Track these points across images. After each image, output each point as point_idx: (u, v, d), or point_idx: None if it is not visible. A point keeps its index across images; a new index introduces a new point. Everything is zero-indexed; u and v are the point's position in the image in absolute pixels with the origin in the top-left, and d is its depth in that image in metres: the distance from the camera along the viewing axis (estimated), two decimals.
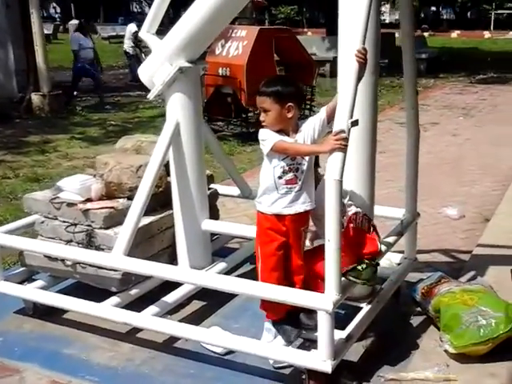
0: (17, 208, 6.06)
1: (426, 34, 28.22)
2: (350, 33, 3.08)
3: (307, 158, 3.16)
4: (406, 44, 3.83)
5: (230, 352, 3.54)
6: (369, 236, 3.30)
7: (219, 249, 4.64)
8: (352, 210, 3.34)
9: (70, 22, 39.72)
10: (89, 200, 4.04)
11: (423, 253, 4.67)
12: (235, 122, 10.16)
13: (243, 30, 9.42)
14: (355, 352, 3.48)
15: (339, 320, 3.11)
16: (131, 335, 3.78)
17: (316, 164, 3.31)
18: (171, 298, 3.84)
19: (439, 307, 3.60)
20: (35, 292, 4.03)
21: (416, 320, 3.89)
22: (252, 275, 3.61)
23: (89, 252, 3.80)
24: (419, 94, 4.28)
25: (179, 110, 3.91)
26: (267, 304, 3.38)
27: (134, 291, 3.92)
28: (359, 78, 2.96)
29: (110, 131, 10.67)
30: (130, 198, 3.94)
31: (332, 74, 17.02)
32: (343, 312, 3.64)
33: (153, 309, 3.70)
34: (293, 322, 3.39)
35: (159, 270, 3.54)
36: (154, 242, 4.11)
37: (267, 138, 3.12)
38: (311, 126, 3.17)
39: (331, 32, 21.07)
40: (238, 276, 4.07)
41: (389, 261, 4.13)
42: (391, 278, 3.92)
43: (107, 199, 4.08)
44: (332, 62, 17.61)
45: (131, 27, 17.43)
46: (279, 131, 3.15)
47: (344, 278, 3.08)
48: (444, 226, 5.62)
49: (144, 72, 4.04)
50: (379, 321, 3.64)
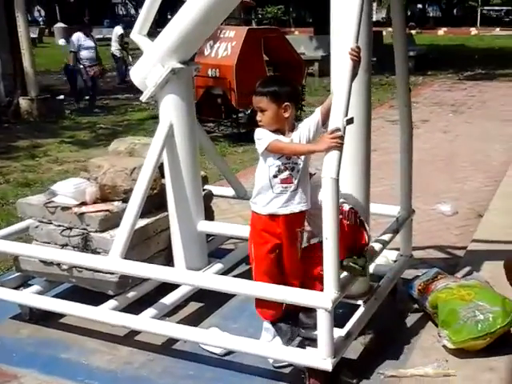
0: (9, 213, 6.05)
1: (414, 32, 28.24)
2: (343, 31, 3.07)
3: (303, 158, 3.16)
4: (398, 41, 3.84)
5: (229, 353, 3.53)
6: (357, 229, 3.31)
7: (215, 250, 4.64)
8: (344, 206, 3.34)
9: (56, 26, 39.59)
10: (83, 203, 4.03)
11: (418, 249, 4.68)
12: (226, 123, 10.15)
13: (232, 31, 9.38)
14: (354, 350, 3.49)
15: (337, 318, 3.10)
16: (129, 338, 3.77)
17: None
18: (169, 300, 3.83)
19: (437, 303, 3.60)
20: (31, 297, 4.00)
21: (413, 317, 3.90)
22: (248, 275, 3.60)
23: (86, 256, 3.79)
24: None
25: (172, 112, 3.90)
26: (262, 304, 3.38)
27: (131, 294, 3.92)
28: (353, 76, 2.97)
29: (100, 134, 10.63)
30: (125, 201, 3.93)
31: (321, 74, 17.06)
32: (341, 310, 3.63)
33: (151, 311, 3.68)
34: (291, 322, 3.40)
35: (157, 272, 3.54)
36: (150, 244, 4.10)
37: (262, 138, 3.13)
38: (306, 127, 3.18)
39: (319, 31, 21.10)
40: (235, 276, 4.06)
41: (385, 258, 4.14)
42: (388, 275, 3.93)
43: (102, 202, 4.07)
44: (320, 62, 17.64)
45: (117, 30, 17.38)
46: (275, 131, 3.16)
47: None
48: (438, 223, 5.64)
49: (136, 74, 4.03)
50: (377, 318, 3.65)
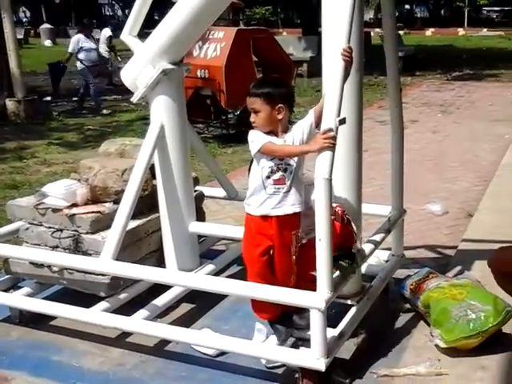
0: None
1: (401, 33, 28.32)
2: (335, 32, 3.07)
3: (296, 159, 3.15)
4: (389, 42, 3.85)
5: (222, 353, 3.53)
6: (344, 227, 3.29)
7: (206, 251, 4.63)
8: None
9: (42, 27, 39.43)
10: (74, 205, 4.01)
11: (409, 249, 4.69)
12: (215, 124, 10.14)
13: (221, 32, 9.35)
14: (347, 349, 3.49)
15: (330, 318, 3.09)
16: (121, 340, 3.75)
17: None
18: (161, 302, 3.81)
19: (429, 302, 3.61)
20: (21, 299, 3.98)
21: (405, 316, 3.90)
22: (240, 276, 3.60)
23: (77, 257, 3.77)
24: None
25: (163, 113, 3.89)
26: (257, 304, 3.38)
27: (123, 295, 3.90)
28: (346, 77, 2.97)
29: (88, 136, 10.57)
30: (116, 202, 3.92)
31: (309, 74, 17.07)
32: (333, 310, 3.63)
33: (142, 312, 3.67)
34: (285, 322, 3.39)
35: (149, 274, 3.52)
36: (142, 246, 4.08)
37: (255, 140, 3.12)
38: (300, 129, 3.17)
39: (307, 32, 21.18)
40: (227, 277, 4.06)
41: (377, 258, 4.15)
42: (380, 275, 3.94)
43: (93, 204, 4.05)
44: (309, 62, 17.68)
45: (106, 31, 17.27)
46: (268, 132, 3.15)
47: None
48: (428, 223, 5.66)
49: (127, 75, 4.01)
50: (369, 318, 3.65)
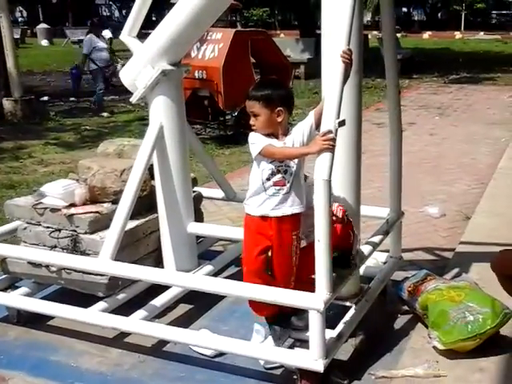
0: None
1: (399, 35, 28.34)
2: (334, 33, 3.08)
3: (296, 161, 3.14)
4: (388, 44, 3.86)
5: (220, 354, 3.53)
6: (344, 227, 3.30)
7: (204, 251, 4.63)
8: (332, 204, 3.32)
9: (38, 26, 39.43)
10: (73, 205, 4.01)
11: (407, 251, 4.69)
12: (213, 125, 10.14)
13: (219, 33, 9.35)
14: (345, 351, 3.49)
15: (328, 319, 3.09)
16: (119, 340, 3.75)
17: None
18: (159, 302, 3.82)
19: (427, 304, 3.62)
20: (19, 299, 3.97)
21: (403, 318, 3.91)
22: (238, 277, 3.60)
23: (76, 257, 3.77)
24: None
25: (162, 113, 3.90)
26: (254, 301, 3.36)
27: (121, 296, 3.90)
28: (345, 79, 2.98)
29: (86, 136, 10.55)
30: (115, 202, 3.92)
31: (307, 76, 17.08)
32: (331, 312, 3.63)
33: (141, 313, 3.67)
34: (282, 323, 3.39)
35: (147, 274, 3.52)
36: (140, 246, 4.08)
37: (256, 142, 3.12)
38: (300, 131, 3.16)
39: (305, 34, 21.20)
40: (225, 278, 4.07)
41: (375, 260, 4.16)
42: (378, 277, 3.95)
43: (91, 204, 4.05)
44: (307, 64, 17.69)
45: (106, 33, 17.17)
46: (268, 135, 3.15)
47: None
48: (426, 225, 5.67)
49: (126, 75, 4.02)
50: (367, 319, 3.65)
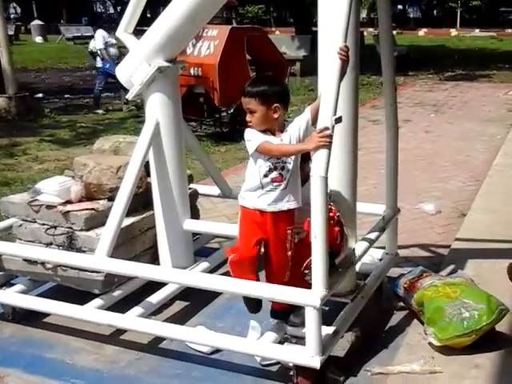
0: None
1: (394, 32, 28.35)
2: (331, 31, 3.07)
3: (293, 157, 3.14)
4: (385, 41, 3.86)
5: (216, 351, 3.53)
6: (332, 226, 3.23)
7: (200, 248, 4.63)
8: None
9: (33, 23, 39.31)
10: (68, 202, 4.01)
11: (403, 248, 4.70)
12: (208, 122, 10.13)
13: (214, 30, 9.33)
14: (341, 347, 3.50)
15: (324, 316, 3.09)
16: (115, 337, 3.74)
17: (308, 158, 3.14)
18: (155, 299, 3.82)
19: (422, 301, 3.62)
20: (14, 296, 3.96)
21: (399, 314, 3.92)
22: None
23: (72, 254, 3.75)
24: None
25: (159, 110, 3.89)
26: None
27: (117, 293, 3.89)
28: (342, 76, 2.97)
29: (81, 133, 10.51)
30: (111, 199, 3.92)
31: (302, 73, 17.07)
32: (327, 308, 3.65)
33: (137, 310, 3.67)
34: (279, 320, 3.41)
35: (144, 271, 3.51)
36: (136, 243, 4.08)
37: (252, 139, 3.11)
38: (297, 127, 3.15)
39: (300, 31, 21.19)
40: (221, 275, 4.04)
41: (371, 256, 4.16)
42: (374, 274, 3.95)
43: (87, 201, 4.05)
44: (302, 61, 17.69)
45: (103, 33, 16.87)
46: (265, 131, 3.14)
47: None
48: (421, 222, 5.68)
49: (122, 72, 4.01)
50: (363, 316, 3.66)
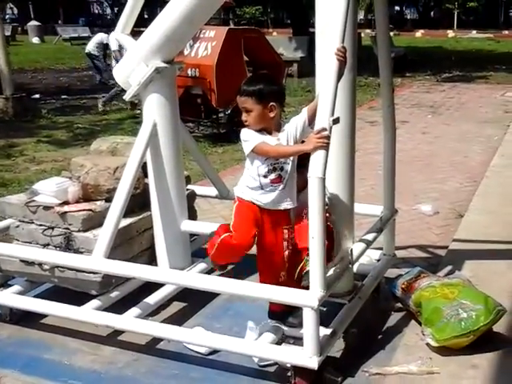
0: None
1: (391, 34, 28.37)
2: (329, 32, 3.07)
3: (291, 158, 3.15)
4: (382, 42, 3.86)
5: (214, 352, 3.52)
6: None
7: (198, 249, 4.61)
8: None
9: (29, 24, 39.30)
10: (66, 203, 4.00)
11: (400, 249, 4.70)
12: (206, 123, 10.12)
13: (212, 31, 9.33)
14: (339, 348, 3.49)
15: (322, 317, 3.09)
16: (112, 338, 3.74)
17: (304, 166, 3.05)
18: (152, 300, 3.81)
19: (420, 301, 3.62)
20: (12, 297, 3.95)
21: (397, 315, 3.92)
22: (232, 275, 3.61)
23: (69, 255, 3.75)
24: None
25: (156, 111, 3.89)
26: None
27: (115, 294, 3.89)
28: (339, 77, 2.98)
29: (78, 134, 10.49)
30: (108, 200, 3.92)
31: (300, 75, 17.13)
32: (325, 309, 3.63)
33: (135, 311, 3.67)
34: (277, 321, 3.41)
35: (141, 272, 3.51)
36: (133, 244, 4.07)
37: (249, 140, 3.11)
38: (294, 127, 3.16)
39: (297, 32, 21.21)
40: (219, 276, 4.04)
41: (368, 257, 4.16)
42: (371, 274, 3.95)
43: (84, 202, 4.04)
44: (299, 62, 17.73)
45: (103, 37, 16.66)
46: (261, 130, 3.14)
47: None
48: (419, 223, 5.68)
49: (120, 72, 4.01)
50: (361, 317, 3.66)
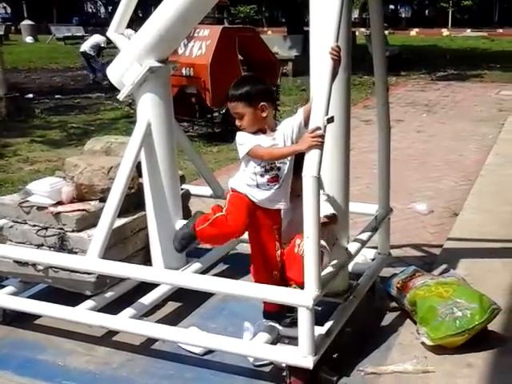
0: None
1: (386, 32, 28.38)
2: (323, 31, 3.07)
3: (289, 158, 3.15)
4: (377, 41, 3.86)
5: (209, 352, 3.52)
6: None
7: (192, 249, 4.58)
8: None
9: (23, 23, 39.21)
10: (59, 203, 3.99)
11: (395, 248, 4.70)
12: (200, 123, 10.10)
13: (206, 30, 9.30)
14: (334, 347, 3.48)
15: (317, 316, 3.08)
16: (107, 339, 3.72)
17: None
18: (147, 300, 3.80)
19: (415, 300, 3.62)
20: (5, 298, 3.93)
21: (392, 314, 3.91)
22: (227, 275, 3.60)
23: (63, 256, 3.74)
24: None
25: (150, 110, 3.88)
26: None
27: (109, 294, 3.87)
28: (334, 76, 2.97)
29: (72, 134, 10.44)
30: (102, 200, 3.90)
31: (295, 73, 17.13)
32: (320, 308, 3.64)
33: (129, 311, 3.65)
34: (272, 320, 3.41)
35: (136, 272, 3.50)
36: (128, 244, 4.06)
37: (244, 143, 3.10)
38: (289, 128, 3.14)
39: (292, 31, 21.20)
40: (214, 276, 4.05)
41: (363, 256, 4.16)
42: (366, 274, 3.95)
43: (78, 202, 4.03)
44: (294, 61, 17.72)
45: (99, 40, 16.69)
46: (256, 131, 3.13)
47: None
48: (414, 222, 5.68)
49: (113, 72, 3.99)
50: (356, 316, 3.65)
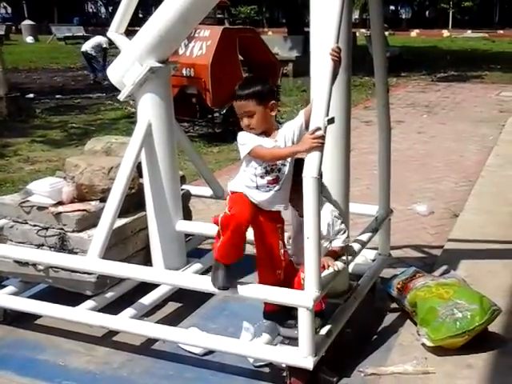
0: None
1: (386, 33, 28.41)
2: (323, 32, 3.07)
3: (289, 159, 3.14)
4: (377, 42, 3.85)
5: (209, 352, 3.52)
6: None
7: (193, 250, 4.61)
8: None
9: (23, 23, 39.24)
10: (60, 203, 3.99)
11: (395, 249, 4.70)
12: (201, 123, 10.11)
13: (206, 30, 9.31)
14: (334, 348, 3.48)
15: None
16: (107, 339, 3.73)
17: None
18: (147, 300, 3.80)
19: (415, 301, 3.62)
20: (5, 298, 3.94)
21: (392, 315, 3.92)
22: None
23: (64, 256, 3.74)
24: None
25: (151, 111, 3.88)
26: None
27: (110, 294, 3.88)
28: (334, 77, 2.97)
29: (72, 134, 10.46)
30: (103, 200, 3.90)
31: (295, 74, 17.12)
32: None
33: (129, 311, 3.66)
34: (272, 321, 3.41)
35: (136, 272, 3.51)
36: (128, 244, 4.06)
37: (246, 143, 3.08)
38: (291, 130, 3.12)
39: (292, 31, 21.19)
40: None
41: (364, 257, 4.16)
42: (367, 274, 3.95)
43: (79, 202, 4.03)
44: (295, 62, 17.71)
45: (101, 41, 16.69)
46: (261, 133, 3.10)
47: None
48: (414, 223, 5.68)
49: (114, 72, 3.99)
50: (357, 317, 3.65)
